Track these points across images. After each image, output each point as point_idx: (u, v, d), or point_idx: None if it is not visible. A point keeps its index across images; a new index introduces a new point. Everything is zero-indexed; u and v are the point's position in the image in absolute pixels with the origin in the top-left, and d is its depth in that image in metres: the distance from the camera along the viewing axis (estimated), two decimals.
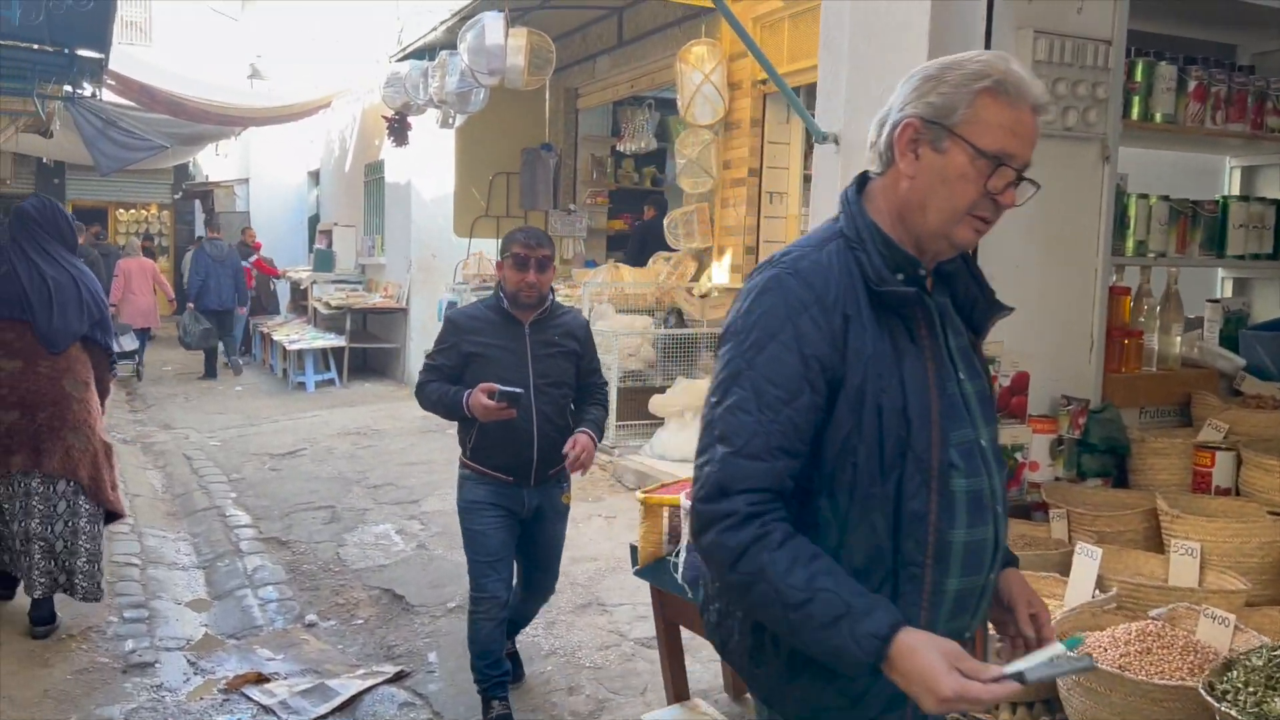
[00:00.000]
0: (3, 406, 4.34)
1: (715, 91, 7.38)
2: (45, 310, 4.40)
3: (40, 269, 4.46)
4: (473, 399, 3.38)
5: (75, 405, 4.47)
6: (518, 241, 3.56)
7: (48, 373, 4.41)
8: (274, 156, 18.97)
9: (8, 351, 4.35)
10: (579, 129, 10.39)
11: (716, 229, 7.63)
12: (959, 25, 2.99)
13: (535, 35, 7.35)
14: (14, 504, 4.38)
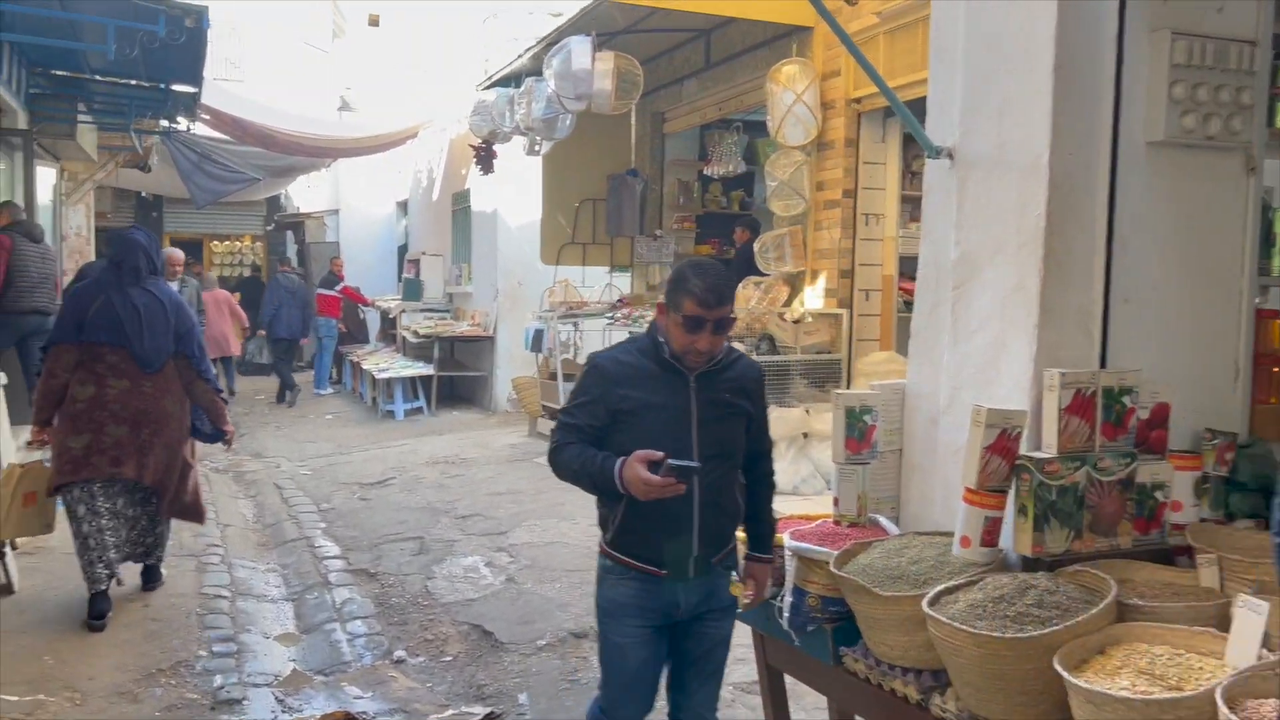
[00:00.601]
0: (115, 421, 4.88)
1: (807, 111, 7.18)
2: (138, 334, 4.93)
3: (130, 297, 4.96)
4: (628, 471, 2.64)
5: (173, 422, 5.07)
6: (693, 296, 2.70)
7: (151, 391, 4.98)
8: (363, 187, 19.31)
9: (116, 373, 4.90)
10: (666, 153, 10.27)
11: (809, 252, 7.40)
12: (1088, 28, 2.76)
13: (622, 59, 7.25)
14: (109, 503, 4.95)
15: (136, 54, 7.41)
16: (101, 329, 4.86)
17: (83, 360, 4.88)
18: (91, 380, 4.88)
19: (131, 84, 9.96)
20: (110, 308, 4.90)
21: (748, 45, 8.23)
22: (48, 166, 10.07)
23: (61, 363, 4.87)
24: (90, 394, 4.87)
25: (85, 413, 4.86)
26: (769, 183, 7.48)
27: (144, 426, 4.93)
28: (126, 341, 4.90)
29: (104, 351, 4.89)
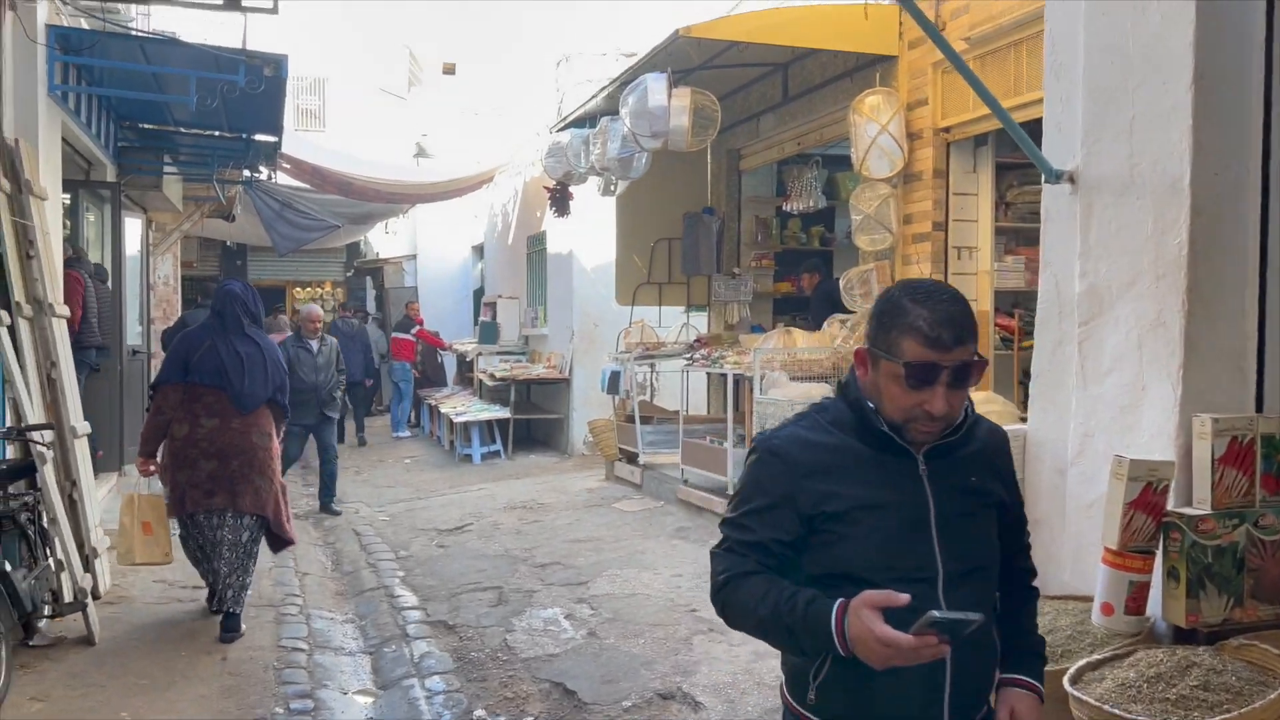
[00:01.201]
0: (205, 456, 5.33)
1: (893, 143, 6.93)
2: (238, 379, 5.39)
3: (233, 344, 5.45)
4: (856, 624, 1.71)
5: (260, 454, 5.47)
6: (918, 333, 1.79)
7: (239, 428, 5.40)
8: (440, 232, 19.48)
9: (209, 412, 5.35)
10: (742, 190, 10.07)
11: None
12: (1232, 34, 2.48)
13: (699, 94, 7.10)
14: (212, 534, 5.38)
15: (218, 104, 7.49)
16: (205, 372, 5.36)
17: (184, 400, 5.36)
18: (188, 419, 5.35)
19: (214, 135, 10.15)
20: (215, 353, 5.39)
21: (827, 77, 8.02)
22: (135, 217, 10.27)
23: (168, 401, 5.37)
24: (185, 432, 5.35)
25: (182, 450, 5.36)
26: (854, 217, 7.22)
27: (232, 459, 5.37)
28: (226, 385, 5.38)
29: (203, 392, 5.36)
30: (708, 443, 7.85)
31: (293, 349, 9.02)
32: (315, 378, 9.18)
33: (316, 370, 9.25)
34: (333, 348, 9.52)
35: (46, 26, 6.55)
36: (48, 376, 5.82)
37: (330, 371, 9.39)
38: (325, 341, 9.53)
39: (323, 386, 9.25)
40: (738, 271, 9.88)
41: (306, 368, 9.12)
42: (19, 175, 5.73)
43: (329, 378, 9.35)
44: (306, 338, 9.45)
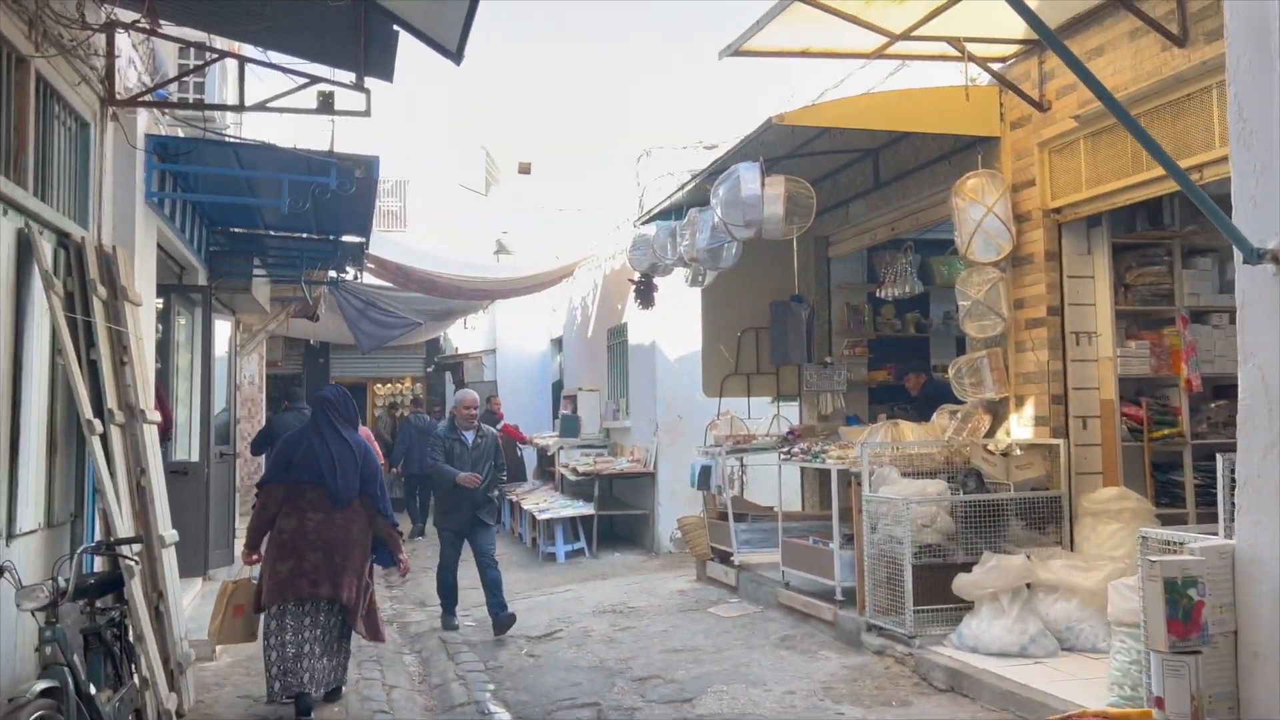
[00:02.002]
0: (312, 549, 5.74)
1: (1000, 225, 6.61)
2: (333, 475, 5.83)
3: (329, 444, 5.91)
4: None
5: (359, 550, 5.90)
6: None
7: (341, 522, 5.84)
8: (518, 326, 19.53)
9: (314, 507, 5.81)
10: (831, 277, 9.81)
11: (1012, 376, 6.71)
12: None
13: (793, 182, 6.90)
14: (304, 619, 5.73)
15: (308, 207, 7.50)
16: (306, 470, 5.82)
17: (288, 496, 5.83)
18: (295, 514, 5.80)
19: (302, 237, 10.25)
20: (312, 453, 5.85)
21: (922, 161, 7.78)
22: (224, 319, 10.35)
23: (273, 499, 5.88)
24: (294, 525, 5.78)
25: (290, 542, 5.76)
26: (960, 302, 6.88)
27: (336, 552, 5.77)
28: (324, 481, 5.81)
29: (306, 489, 5.83)
30: (810, 543, 7.44)
31: (447, 441, 8.15)
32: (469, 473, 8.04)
33: (472, 465, 8.06)
34: (490, 440, 8.23)
35: (145, 136, 6.63)
36: (137, 484, 5.70)
37: (486, 466, 8.12)
38: (482, 433, 8.25)
39: (479, 482, 8.03)
40: (830, 360, 9.55)
41: (461, 462, 8.04)
42: (115, 282, 5.71)
43: (485, 473, 8.08)
44: (461, 428, 8.22)
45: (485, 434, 8.27)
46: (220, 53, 6.62)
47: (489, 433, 8.31)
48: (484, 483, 8.01)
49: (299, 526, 5.76)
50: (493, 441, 8.29)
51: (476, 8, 3.68)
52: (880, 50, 6.62)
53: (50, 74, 5.15)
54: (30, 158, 4.96)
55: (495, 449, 8.27)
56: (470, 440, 8.15)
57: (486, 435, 8.28)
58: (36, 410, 4.98)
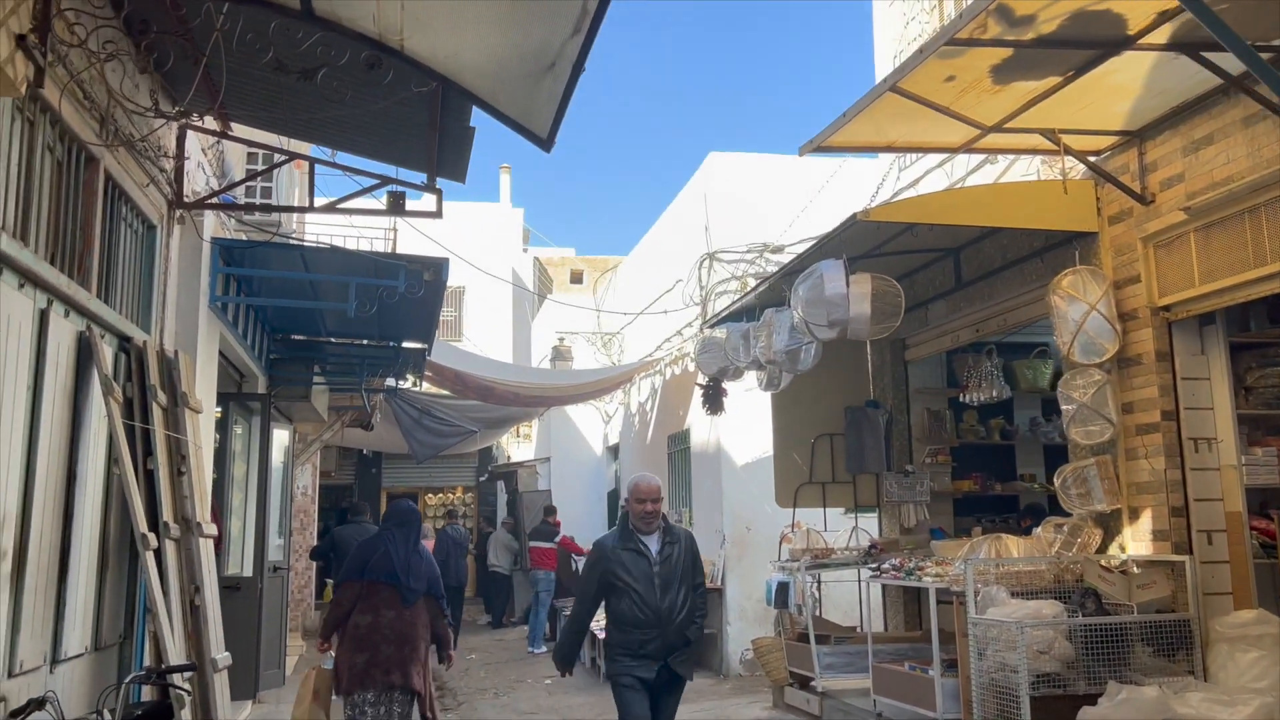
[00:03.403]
0: (386, 642, 6.28)
1: (1104, 324, 6.19)
2: (406, 576, 6.41)
3: (399, 550, 6.49)
4: None
5: (422, 643, 6.47)
6: None
7: (409, 619, 6.41)
8: (573, 434, 19.22)
9: (387, 605, 6.36)
10: (909, 382, 9.38)
11: (1124, 486, 6.19)
12: None
13: (879, 280, 6.55)
14: (379, 708, 6.24)
15: (371, 312, 7.29)
16: (381, 571, 6.38)
17: (363, 594, 6.36)
18: (370, 611, 6.32)
19: (363, 344, 10.07)
20: (387, 557, 6.42)
21: (1010, 259, 7.41)
22: (282, 429, 10.12)
23: (349, 595, 6.41)
24: (369, 621, 6.30)
25: (366, 636, 6.28)
26: (1064, 406, 6.41)
27: (405, 646, 6.33)
28: (397, 581, 6.36)
29: (380, 588, 6.36)
30: (906, 669, 6.84)
31: (615, 558, 5.34)
32: (657, 600, 5.22)
33: (662, 589, 5.26)
34: (685, 546, 5.47)
35: (211, 240, 6.50)
36: (191, 602, 5.34)
37: (682, 591, 5.33)
38: (672, 536, 5.46)
39: (673, 613, 5.25)
40: (911, 469, 9.04)
41: (644, 586, 5.24)
42: (176, 388, 5.47)
43: (680, 600, 5.30)
44: (639, 531, 5.39)
45: (676, 537, 5.46)
46: (290, 154, 6.51)
47: (681, 535, 5.51)
48: (679, 614, 5.28)
49: (374, 622, 6.30)
50: (689, 549, 5.50)
51: (572, 93, 3.46)
52: (969, 143, 6.33)
53: (119, 174, 5.01)
54: (95, 259, 4.78)
55: (694, 561, 5.51)
56: (656, 551, 5.34)
57: (679, 540, 5.45)
58: (89, 523, 4.69)
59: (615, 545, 5.39)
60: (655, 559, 5.30)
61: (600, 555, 5.41)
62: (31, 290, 4.07)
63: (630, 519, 5.44)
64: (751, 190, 11.92)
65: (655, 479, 5.53)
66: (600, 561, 5.38)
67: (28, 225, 4.02)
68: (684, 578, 5.36)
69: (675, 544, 5.41)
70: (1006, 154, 6.83)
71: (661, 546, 5.36)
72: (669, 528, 5.49)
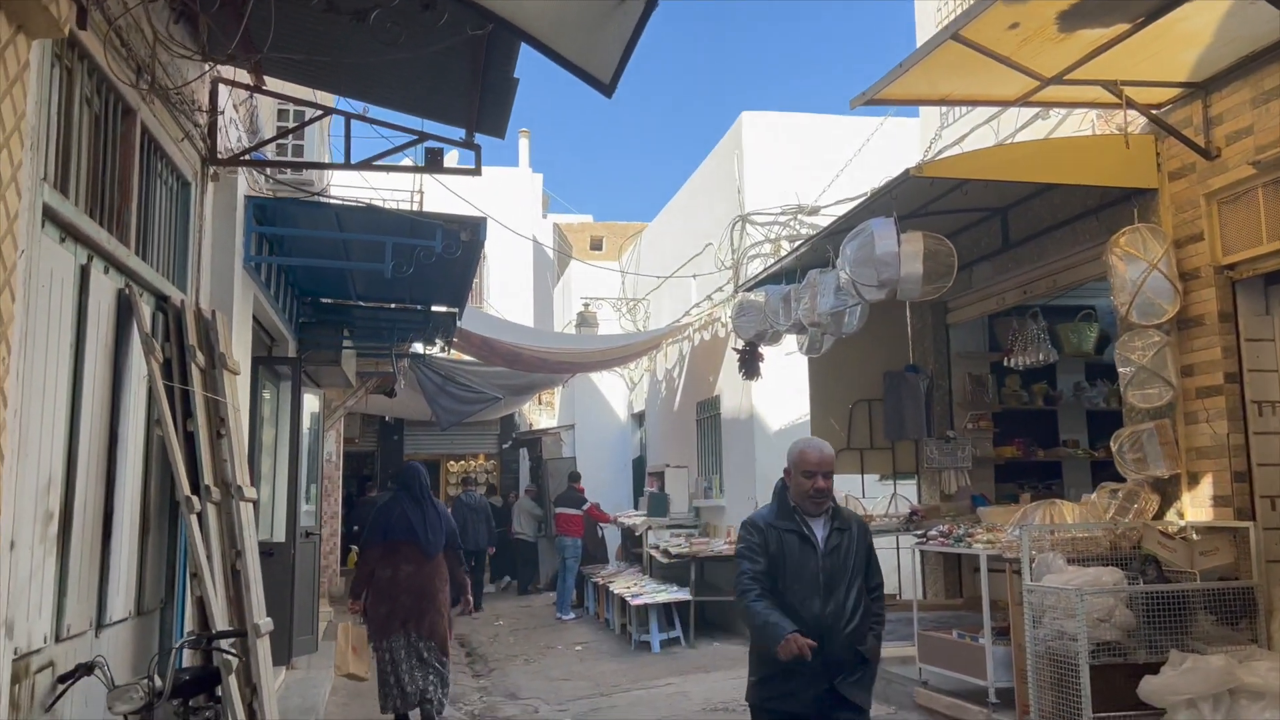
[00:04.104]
0: (408, 594, 7.13)
1: (1165, 283, 5.98)
2: (424, 533, 7.22)
3: (416, 509, 7.30)
4: None
5: (440, 595, 7.28)
6: None
7: (428, 572, 7.23)
8: (598, 402, 19.12)
9: (407, 560, 7.17)
10: (950, 346, 9.18)
11: (1183, 451, 6.01)
12: None
13: (931, 238, 6.36)
14: (413, 656, 7.13)
15: (406, 274, 7.14)
16: (400, 531, 7.21)
17: (385, 553, 7.20)
18: (390, 566, 7.16)
19: (391, 308, 9.93)
20: (405, 517, 7.24)
21: (1061, 218, 7.20)
22: (312, 393, 10.01)
23: (373, 556, 7.26)
24: (389, 575, 7.16)
25: (387, 589, 7.15)
26: (1121, 369, 6.22)
27: (424, 598, 7.17)
28: (416, 539, 7.19)
29: (400, 545, 7.19)
30: (955, 637, 6.71)
31: (770, 539, 4.08)
32: (821, 602, 3.97)
33: (827, 587, 4.01)
34: (858, 535, 4.16)
35: (245, 198, 6.35)
36: (232, 567, 5.23)
37: (854, 588, 4.05)
38: (841, 520, 4.15)
39: (840, 619, 3.97)
40: (952, 435, 8.87)
41: (806, 579, 4.01)
42: (214, 349, 5.33)
43: (850, 604, 4.01)
44: (806, 512, 4.11)
45: (847, 523, 4.16)
46: (325, 109, 6.34)
47: (854, 521, 4.20)
48: (849, 622, 3.98)
49: (394, 576, 7.15)
50: (862, 540, 4.20)
51: (641, 33, 3.27)
52: (1026, 96, 6.11)
53: (155, 128, 4.85)
54: (133, 215, 4.63)
55: (869, 555, 4.22)
56: (823, 536, 4.09)
57: (850, 527, 4.16)
58: (131, 486, 4.57)
59: (773, 524, 4.11)
60: (821, 546, 4.02)
61: (759, 532, 4.10)
62: (72, 245, 3.93)
63: (791, 497, 4.14)
64: (785, 151, 11.68)
65: (828, 446, 4.20)
66: (760, 538, 4.07)
67: (67, 178, 3.87)
68: (854, 576, 4.05)
69: (846, 531, 4.10)
70: (1063, 107, 6.60)
71: (829, 534, 4.06)
72: (838, 510, 4.18)
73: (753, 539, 4.12)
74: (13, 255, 3.17)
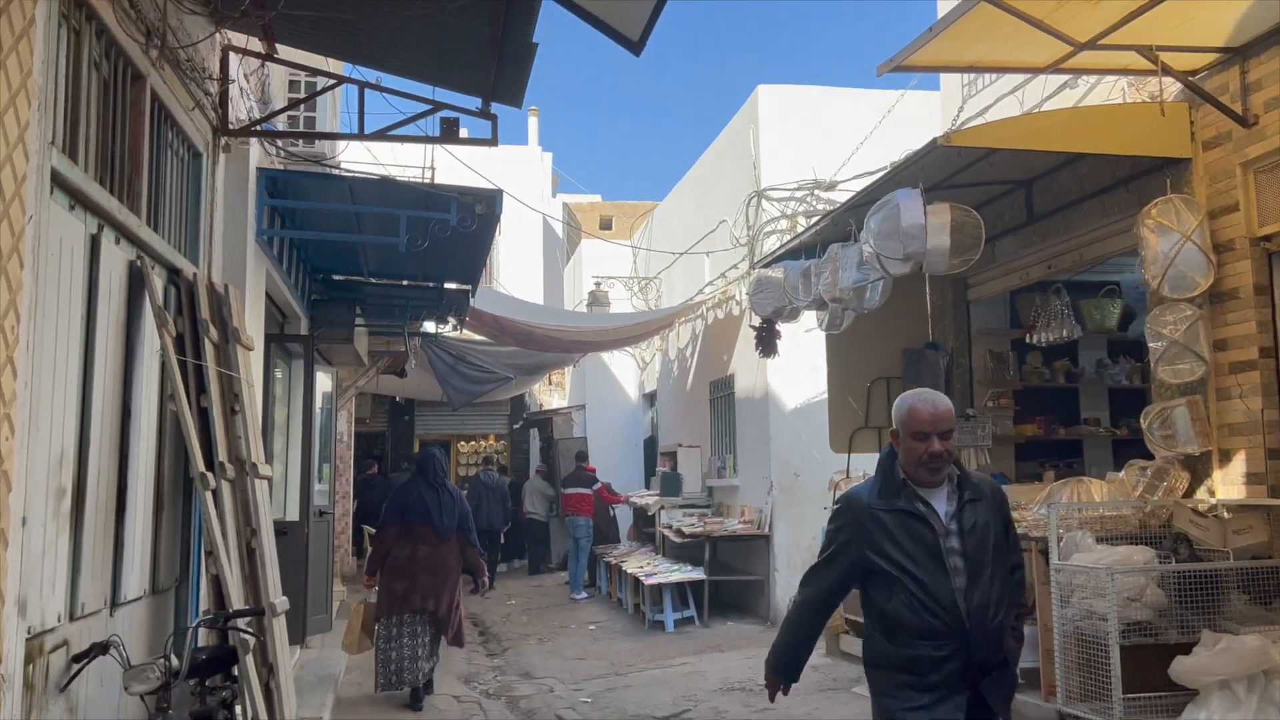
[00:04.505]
0: (423, 572, 7.48)
1: (1198, 255, 5.83)
2: (438, 515, 7.58)
3: (432, 492, 7.67)
4: None
5: (453, 575, 7.63)
6: None
7: (443, 553, 7.57)
8: (609, 382, 19.02)
9: (423, 541, 7.52)
10: (971, 323, 9.04)
11: (1215, 428, 5.88)
12: None
13: (958, 210, 6.20)
14: (415, 628, 7.45)
15: (419, 249, 7.01)
16: (416, 512, 7.58)
17: (402, 533, 7.56)
18: (408, 545, 7.51)
19: (403, 285, 9.81)
20: (421, 499, 7.61)
21: (1089, 190, 7.04)
22: (324, 372, 9.91)
23: (389, 535, 7.60)
24: (407, 554, 7.50)
25: (404, 567, 7.50)
26: (1152, 344, 6.08)
27: (439, 576, 7.50)
28: (431, 520, 7.55)
29: (416, 526, 7.54)
30: None
31: (879, 519, 3.30)
32: (951, 590, 3.22)
33: (960, 572, 3.25)
34: (993, 504, 3.40)
35: (257, 170, 6.22)
36: (248, 545, 5.14)
37: (994, 579, 3.28)
38: (972, 489, 3.36)
39: (984, 611, 3.23)
40: (972, 413, 8.73)
41: (924, 564, 3.24)
42: (227, 323, 5.22)
43: (998, 593, 3.28)
44: (921, 482, 3.34)
45: (980, 492, 3.38)
46: (337, 77, 6.20)
47: (987, 489, 3.42)
48: (993, 614, 3.25)
49: (411, 555, 7.47)
50: (998, 510, 3.42)
51: None
52: (1058, 62, 5.94)
53: (165, 95, 4.73)
54: (144, 184, 4.52)
55: (1006, 528, 3.44)
56: (946, 512, 3.31)
57: (984, 496, 3.38)
58: (144, 462, 4.47)
59: (874, 504, 3.31)
60: (946, 526, 3.24)
61: (853, 520, 3.33)
62: (82, 213, 3.82)
63: (901, 464, 3.34)
64: (802, 125, 11.50)
65: (943, 399, 3.34)
66: (852, 530, 3.30)
67: (76, 144, 3.75)
68: (995, 555, 3.27)
69: (978, 502, 3.29)
70: (1095, 74, 6.43)
71: (956, 508, 3.26)
72: (965, 477, 3.33)
73: (841, 525, 3.33)
74: (20, 220, 3.06)
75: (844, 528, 3.37)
